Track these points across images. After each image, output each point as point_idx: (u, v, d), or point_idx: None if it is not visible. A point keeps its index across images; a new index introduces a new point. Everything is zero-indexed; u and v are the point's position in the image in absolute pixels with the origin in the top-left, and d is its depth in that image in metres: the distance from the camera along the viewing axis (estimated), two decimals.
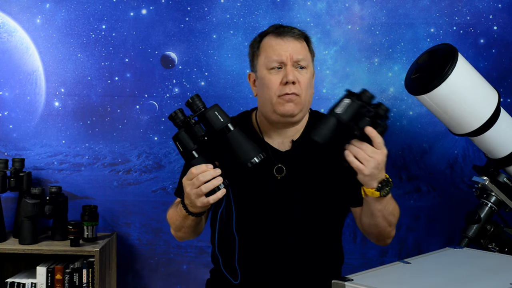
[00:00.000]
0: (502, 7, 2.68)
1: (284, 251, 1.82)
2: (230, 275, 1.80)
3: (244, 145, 1.63)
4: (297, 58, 1.80)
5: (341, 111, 1.56)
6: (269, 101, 1.80)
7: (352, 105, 1.56)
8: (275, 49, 1.80)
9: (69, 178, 2.79)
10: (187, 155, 1.64)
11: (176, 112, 1.65)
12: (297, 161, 1.85)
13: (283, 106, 1.79)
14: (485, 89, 2.02)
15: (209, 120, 1.63)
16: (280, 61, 1.79)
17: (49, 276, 2.55)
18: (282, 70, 1.79)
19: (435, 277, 1.47)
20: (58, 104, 2.77)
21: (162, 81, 2.75)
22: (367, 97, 1.57)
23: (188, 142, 1.63)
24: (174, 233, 1.92)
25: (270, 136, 1.88)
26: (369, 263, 2.72)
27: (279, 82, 1.78)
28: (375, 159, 1.59)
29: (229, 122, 1.63)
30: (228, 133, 1.63)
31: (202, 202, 1.63)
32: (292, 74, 1.77)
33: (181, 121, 1.65)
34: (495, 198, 2.13)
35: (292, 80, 1.77)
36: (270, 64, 1.80)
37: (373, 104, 1.58)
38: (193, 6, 2.74)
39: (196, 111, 1.65)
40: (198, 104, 1.65)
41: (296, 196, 1.83)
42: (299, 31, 1.85)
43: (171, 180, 2.76)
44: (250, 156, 1.63)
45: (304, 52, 1.83)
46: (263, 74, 1.82)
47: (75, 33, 2.75)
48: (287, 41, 1.81)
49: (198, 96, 1.66)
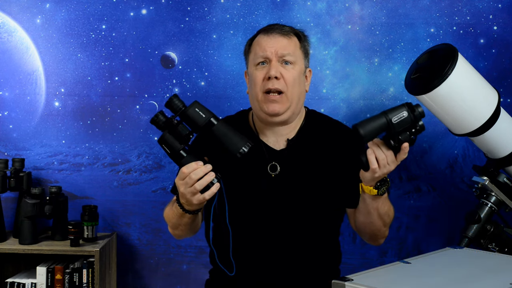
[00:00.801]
0: (502, 7, 2.68)
1: (278, 249, 1.82)
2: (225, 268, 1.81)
3: (230, 137, 1.63)
4: (282, 53, 1.80)
5: (396, 120, 1.55)
6: (255, 98, 1.82)
7: (407, 120, 1.56)
8: (261, 45, 1.82)
9: (69, 178, 2.79)
10: (175, 155, 1.64)
11: (157, 115, 1.64)
12: (291, 159, 1.85)
13: (267, 106, 1.80)
14: (485, 89, 2.02)
15: (191, 117, 1.62)
16: (265, 56, 1.80)
17: (49, 276, 2.55)
18: (266, 65, 1.80)
19: (435, 277, 1.47)
20: (58, 104, 2.77)
21: (162, 81, 2.76)
22: (420, 115, 1.57)
23: (174, 143, 1.63)
24: (171, 231, 1.93)
25: (265, 135, 1.88)
26: (369, 263, 2.73)
27: (263, 77, 1.79)
28: (390, 167, 1.61)
29: (212, 117, 1.63)
30: (212, 127, 1.63)
31: (198, 199, 1.64)
32: (275, 69, 1.78)
33: (163, 123, 1.64)
34: (495, 198, 2.13)
35: (274, 75, 1.77)
36: (256, 60, 1.82)
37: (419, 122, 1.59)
38: (193, 6, 2.74)
39: (177, 111, 1.64)
40: (178, 103, 1.64)
41: (289, 195, 1.83)
42: (290, 28, 1.86)
43: (171, 180, 2.76)
44: (238, 146, 1.62)
45: (291, 48, 1.82)
46: (251, 70, 1.84)
47: (75, 33, 2.75)
48: (273, 37, 1.82)
49: (176, 96, 1.64)
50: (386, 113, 1.55)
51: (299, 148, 1.86)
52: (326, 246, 1.90)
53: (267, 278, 1.83)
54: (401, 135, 1.57)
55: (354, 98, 2.73)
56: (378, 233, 1.85)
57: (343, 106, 2.73)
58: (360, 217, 1.83)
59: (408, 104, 1.57)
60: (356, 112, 2.72)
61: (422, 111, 1.57)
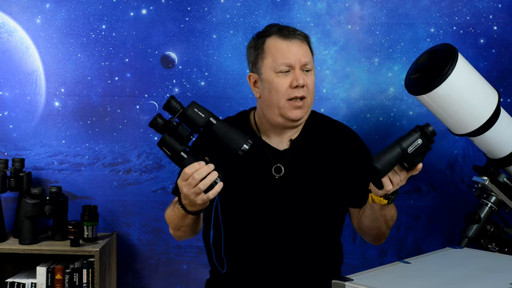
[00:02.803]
0: (502, 7, 2.68)
1: (280, 249, 1.83)
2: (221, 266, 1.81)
3: (231, 135, 1.62)
4: (305, 61, 1.81)
5: (411, 150, 1.57)
6: (276, 105, 1.80)
7: (421, 147, 1.57)
8: (284, 52, 1.80)
9: (69, 178, 2.78)
10: (176, 157, 1.63)
11: (155, 117, 1.63)
12: (295, 159, 1.85)
13: (291, 112, 1.80)
14: (485, 89, 2.02)
15: (190, 118, 1.62)
16: (289, 64, 1.79)
17: (49, 276, 2.55)
18: (290, 73, 1.80)
19: (435, 277, 1.47)
20: (58, 104, 2.77)
21: (162, 81, 2.75)
22: (432, 135, 1.58)
23: (175, 145, 1.62)
24: (173, 232, 1.92)
25: (268, 136, 1.88)
26: (369, 263, 2.73)
27: (288, 85, 1.79)
28: (403, 183, 1.64)
29: (211, 116, 1.62)
30: (212, 126, 1.62)
31: (202, 199, 1.63)
32: (302, 78, 1.79)
33: (162, 126, 1.63)
34: (495, 198, 2.13)
35: (302, 84, 1.78)
36: (278, 68, 1.80)
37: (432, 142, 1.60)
38: (193, 6, 2.74)
39: (175, 112, 1.63)
40: (175, 105, 1.63)
41: (293, 195, 1.83)
42: (301, 32, 1.85)
43: (171, 180, 2.76)
44: (240, 144, 1.62)
45: (309, 55, 1.84)
46: (270, 77, 1.81)
47: (75, 33, 2.75)
48: (295, 43, 1.81)
49: (173, 98, 1.64)
50: (400, 143, 1.56)
51: (302, 148, 1.87)
52: (329, 246, 1.90)
53: (269, 279, 1.83)
54: (416, 159, 1.59)
55: (354, 98, 2.73)
56: (382, 235, 1.88)
57: (343, 106, 2.73)
58: (366, 222, 1.84)
59: (420, 128, 1.58)
60: (356, 112, 2.72)
61: (433, 131, 1.58)
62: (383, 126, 2.72)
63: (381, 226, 1.81)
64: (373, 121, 2.72)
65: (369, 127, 2.72)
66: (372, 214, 1.78)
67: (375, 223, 1.81)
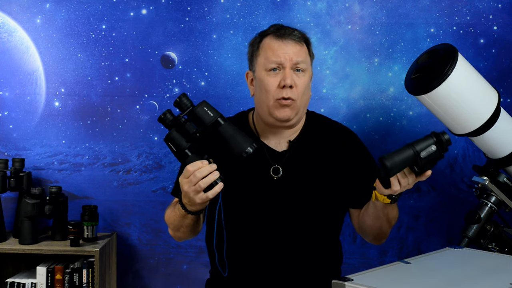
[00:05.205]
0: (502, 7, 2.68)
1: (280, 250, 1.83)
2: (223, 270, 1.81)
3: (236, 137, 1.63)
4: (296, 60, 1.79)
5: (424, 155, 1.55)
6: (265, 104, 1.80)
7: (435, 154, 1.56)
8: (275, 51, 1.80)
9: (69, 178, 2.78)
10: (181, 154, 1.64)
11: (165, 113, 1.65)
12: (294, 160, 1.85)
13: (279, 111, 1.79)
14: (485, 89, 2.02)
15: (199, 116, 1.63)
16: (279, 62, 1.79)
17: (49, 276, 2.55)
18: (280, 72, 1.79)
19: (435, 277, 1.47)
20: (58, 104, 2.77)
21: (162, 81, 2.75)
22: (447, 143, 1.57)
23: (180, 141, 1.64)
24: (172, 233, 1.92)
25: (266, 137, 1.88)
26: (369, 263, 2.73)
27: (277, 85, 1.78)
28: (410, 187, 1.64)
29: (219, 116, 1.63)
30: (219, 127, 1.63)
31: (201, 198, 1.63)
32: (290, 78, 1.77)
33: (170, 121, 1.65)
34: (495, 198, 2.13)
35: (289, 84, 1.76)
36: (268, 65, 1.79)
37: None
38: (193, 6, 2.74)
39: (185, 109, 1.65)
40: (186, 102, 1.65)
41: (291, 197, 1.83)
42: (300, 33, 1.84)
43: (171, 180, 2.75)
44: (244, 147, 1.63)
45: (304, 55, 1.82)
46: (261, 75, 1.81)
47: (75, 33, 2.75)
48: (287, 43, 1.80)
49: (185, 95, 1.66)
50: (413, 146, 1.55)
51: (301, 149, 1.86)
52: (328, 246, 1.90)
53: (269, 279, 1.83)
54: (427, 165, 1.58)
55: (354, 98, 2.73)
56: (383, 235, 1.88)
57: (343, 106, 2.73)
58: (368, 220, 1.83)
59: (436, 135, 1.56)
60: (356, 112, 2.72)
61: (448, 139, 1.57)
62: (383, 126, 2.72)
63: (382, 225, 1.81)
64: (373, 121, 2.72)
65: (369, 127, 2.72)
66: (374, 212, 1.77)
67: (377, 222, 1.80)
